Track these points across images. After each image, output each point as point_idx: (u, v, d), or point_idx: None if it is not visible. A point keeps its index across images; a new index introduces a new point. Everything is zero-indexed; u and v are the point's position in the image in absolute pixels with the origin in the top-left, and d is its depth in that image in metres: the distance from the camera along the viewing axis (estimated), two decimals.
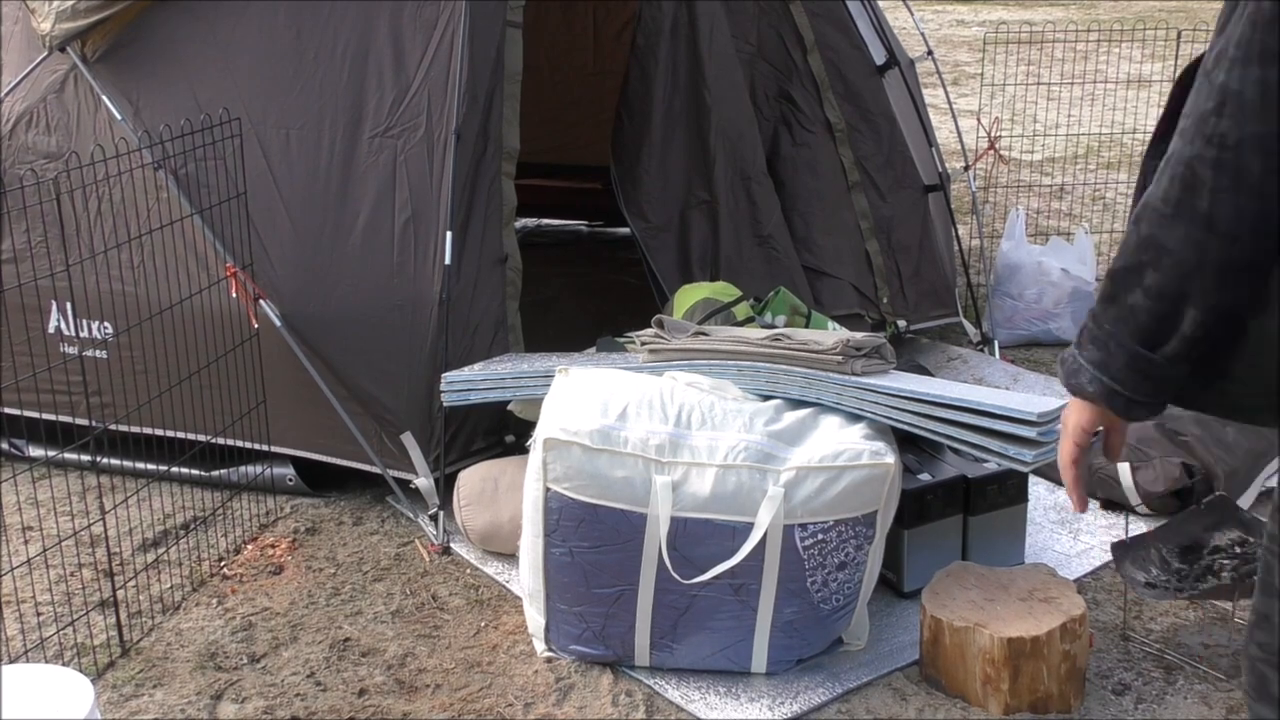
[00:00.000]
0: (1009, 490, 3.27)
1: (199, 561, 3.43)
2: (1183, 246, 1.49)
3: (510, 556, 3.35)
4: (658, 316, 3.39)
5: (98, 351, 3.77)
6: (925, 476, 3.20)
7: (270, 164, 3.70)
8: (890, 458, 2.80)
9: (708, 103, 4.41)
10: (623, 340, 3.79)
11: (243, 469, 3.74)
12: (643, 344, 3.32)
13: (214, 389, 3.55)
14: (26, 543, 3.50)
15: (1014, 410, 2.87)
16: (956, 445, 2.99)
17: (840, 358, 3.02)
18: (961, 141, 5.50)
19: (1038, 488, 3.67)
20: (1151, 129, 1.76)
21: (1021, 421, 2.86)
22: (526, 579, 2.97)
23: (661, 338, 3.29)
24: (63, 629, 3.07)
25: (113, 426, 3.52)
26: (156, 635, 3.11)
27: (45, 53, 3.89)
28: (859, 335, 3.15)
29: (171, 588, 3.31)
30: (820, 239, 4.59)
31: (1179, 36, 5.48)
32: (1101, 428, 1.71)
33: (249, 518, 3.65)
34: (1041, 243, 5.39)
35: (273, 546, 3.52)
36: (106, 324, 3.74)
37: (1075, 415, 1.70)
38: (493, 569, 3.38)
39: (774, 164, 4.63)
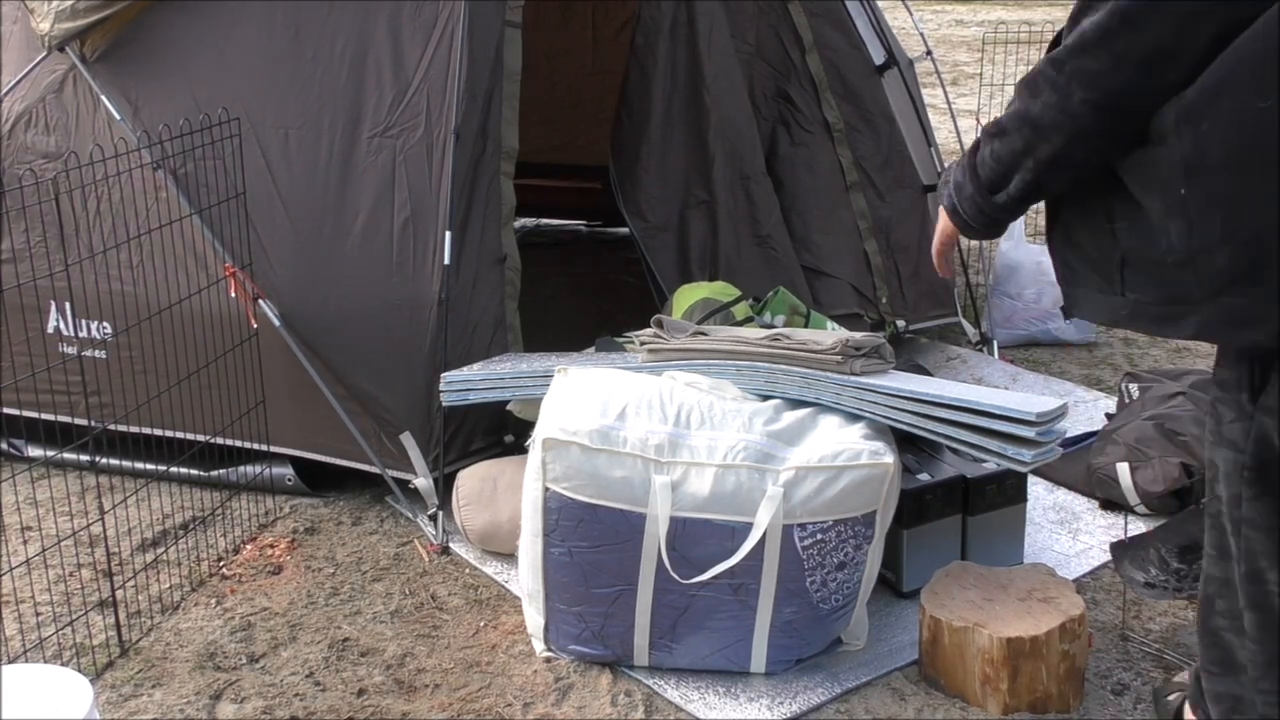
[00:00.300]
0: (1008, 490, 3.27)
1: (198, 561, 3.43)
2: (1016, 131, 1.94)
3: (509, 556, 3.35)
4: (657, 316, 3.39)
5: (97, 351, 3.77)
6: (924, 476, 3.21)
7: (269, 164, 3.70)
8: (889, 457, 2.80)
9: (706, 102, 4.41)
10: (622, 340, 3.78)
11: (242, 469, 3.74)
12: (642, 344, 3.33)
13: (213, 389, 3.56)
14: (26, 543, 3.50)
15: (1012, 410, 2.87)
16: (955, 445, 2.99)
17: (839, 358, 3.02)
18: (960, 142, 5.50)
19: (1036, 488, 3.67)
20: None
21: (1020, 421, 2.86)
22: (525, 579, 2.97)
23: (660, 338, 3.29)
24: (62, 629, 3.07)
25: (112, 426, 3.52)
26: (155, 635, 3.11)
27: (44, 53, 3.89)
28: (858, 335, 3.15)
29: (170, 588, 3.31)
30: (818, 238, 4.60)
31: None
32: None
33: (248, 518, 3.65)
34: (1040, 243, 5.39)
35: (272, 546, 3.52)
36: (105, 324, 3.74)
37: (943, 218, 2.24)
38: (492, 569, 3.39)
39: (772, 164, 4.64)
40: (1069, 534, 3.55)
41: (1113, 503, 3.66)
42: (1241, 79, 1.67)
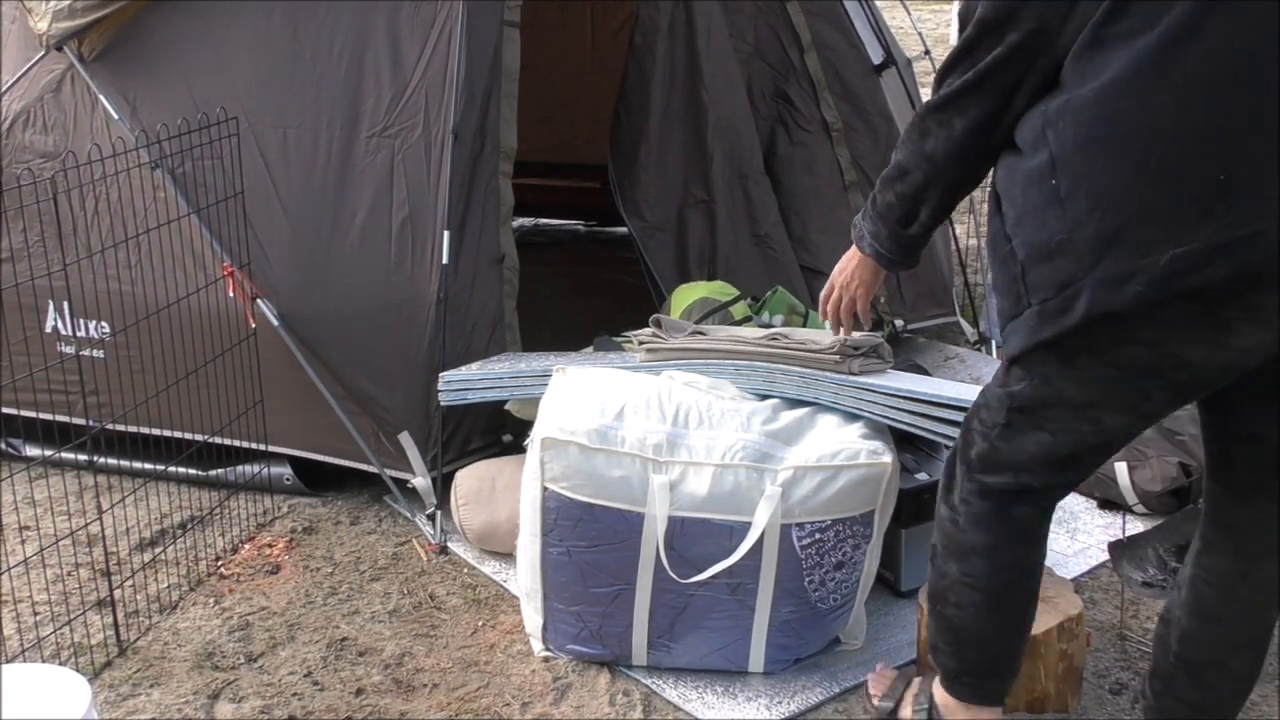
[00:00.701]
0: None
1: (196, 561, 3.43)
2: (917, 169, 2.26)
3: (508, 556, 3.34)
4: (655, 316, 3.39)
5: (95, 351, 3.77)
6: (923, 476, 3.20)
7: (268, 163, 3.70)
8: (888, 457, 2.80)
9: (705, 101, 4.41)
10: (620, 340, 3.78)
11: (240, 468, 3.74)
12: (640, 343, 3.32)
13: (211, 388, 3.55)
14: (24, 542, 3.49)
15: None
16: (953, 444, 2.98)
17: (838, 357, 3.02)
18: None
19: None
20: None
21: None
22: (524, 578, 2.97)
23: (659, 337, 3.29)
24: (60, 628, 3.07)
25: (110, 426, 3.52)
26: (154, 635, 3.11)
27: (42, 52, 3.88)
28: (856, 334, 3.15)
29: (169, 587, 3.31)
30: (816, 238, 4.60)
31: None
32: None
33: (246, 517, 3.64)
34: None
35: (270, 546, 3.52)
36: (104, 323, 3.73)
37: (859, 268, 2.56)
38: (490, 568, 3.38)
39: (770, 163, 4.64)
40: (1067, 533, 3.55)
41: (1111, 502, 3.67)
42: (1083, 90, 2.03)
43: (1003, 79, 2.13)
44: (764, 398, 3.03)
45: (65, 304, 3.76)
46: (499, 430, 3.74)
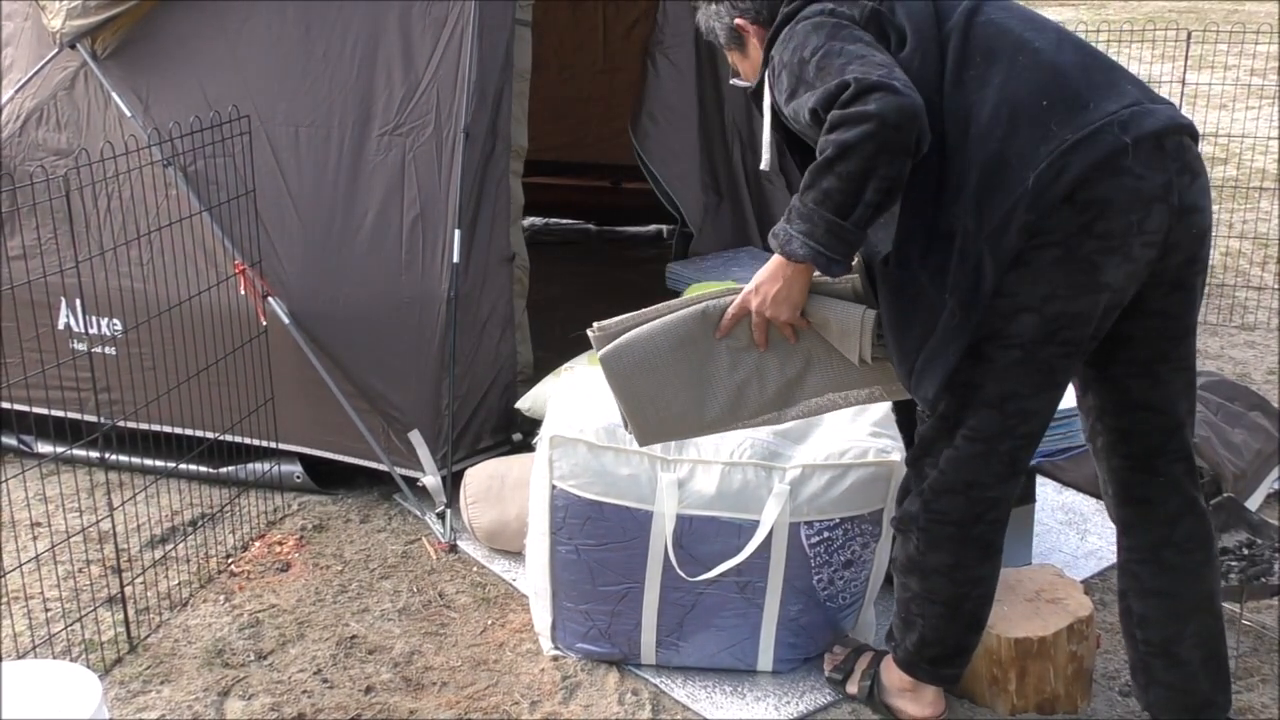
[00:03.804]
0: None
1: (206, 558, 3.44)
2: (861, 142, 2.13)
3: (517, 554, 3.35)
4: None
5: (106, 348, 3.78)
6: None
7: (279, 161, 3.70)
8: (896, 455, 2.80)
9: (723, 101, 4.42)
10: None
11: (250, 466, 3.75)
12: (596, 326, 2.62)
13: (222, 386, 3.56)
14: (35, 539, 3.51)
15: None
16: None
17: None
18: None
19: (1045, 488, 3.66)
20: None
21: None
22: (533, 577, 2.97)
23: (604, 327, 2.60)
24: (70, 625, 3.08)
25: (121, 423, 3.53)
26: (164, 632, 3.12)
27: (55, 49, 3.90)
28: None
29: (179, 584, 3.32)
30: None
31: (1189, 37, 5.47)
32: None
33: (256, 515, 3.65)
34: None
35: (280, 544, 3.53)
36: (115, 321, 3.74)
37: (788, 280, 2.37)
38: (499, 567, 3.39)
39: (780, 163, 4.64)
40: (1077, 534, 3.54)
41: None
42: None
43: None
44: None
45: (77, 301, 3.77)
46: (509, 429, 3.75)
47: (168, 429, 3.69)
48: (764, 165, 2.64)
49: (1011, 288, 2.25)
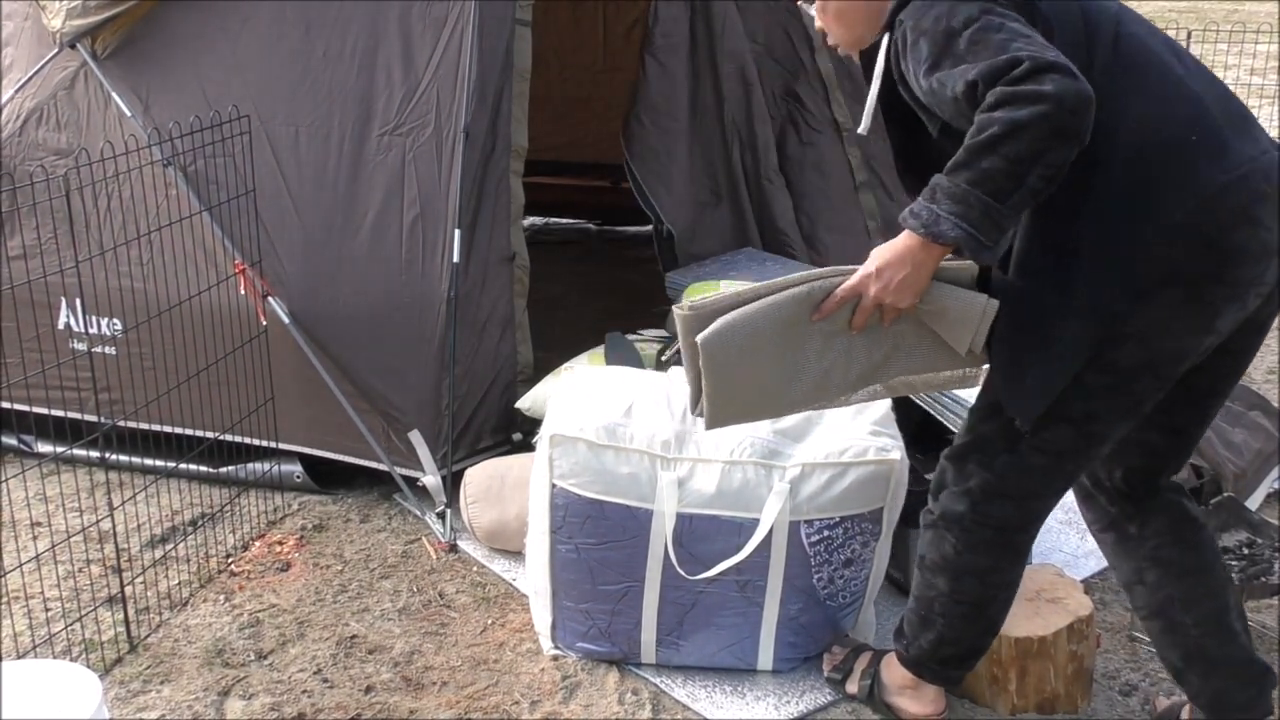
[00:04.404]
0: None
1: (207, 558, 3.44)
2: (1034, 122, 2.00)
3: (517, 554, 3.35)
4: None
5: (106, 348, 3.78)
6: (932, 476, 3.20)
7: (279, 161, 3.71)
8: (896, 454, 2.80)
9: (722, 102, 4.42)
10: (633, 339, 3.79)
11: (250, 466, 3.75)
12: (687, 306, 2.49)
13: (222, 386, 3.56)
14: (35, 538, 3.51)
15: None
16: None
17: None
18: None
19: None
20: None
21: None
22: (533, 576, 2.97)
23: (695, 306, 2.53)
24: (70, 625, 3.08)
25: (121, 423, 3.53)
26: (164, 631, 3.12)
27: (55, 49, 3.90)
28: None
29: (179, 584, 3.32)
30: (825, 237, 4.60)
31: (1189, 37, 5.48)
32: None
33: (256, 514, 3.65)
34: None
35: (280, 543, 3.53)
36: (115, 320, 3.74)
37: (918, 265, 2.20)
38: (499, 566, 3.39)
39: (780, 163, 4.65)
40: (1077, 534, 3.54)
41: None
42: None
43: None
44: None
45: (77, 301, 3.77)
46: (509, 429, 3.75)
47: (168, 429, 3.69)
48: (862, 129, 2.47)
49: (1128, 317, 2.19)
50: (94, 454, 3.55)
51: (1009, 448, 2.34)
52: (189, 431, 3.64)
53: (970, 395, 3.11)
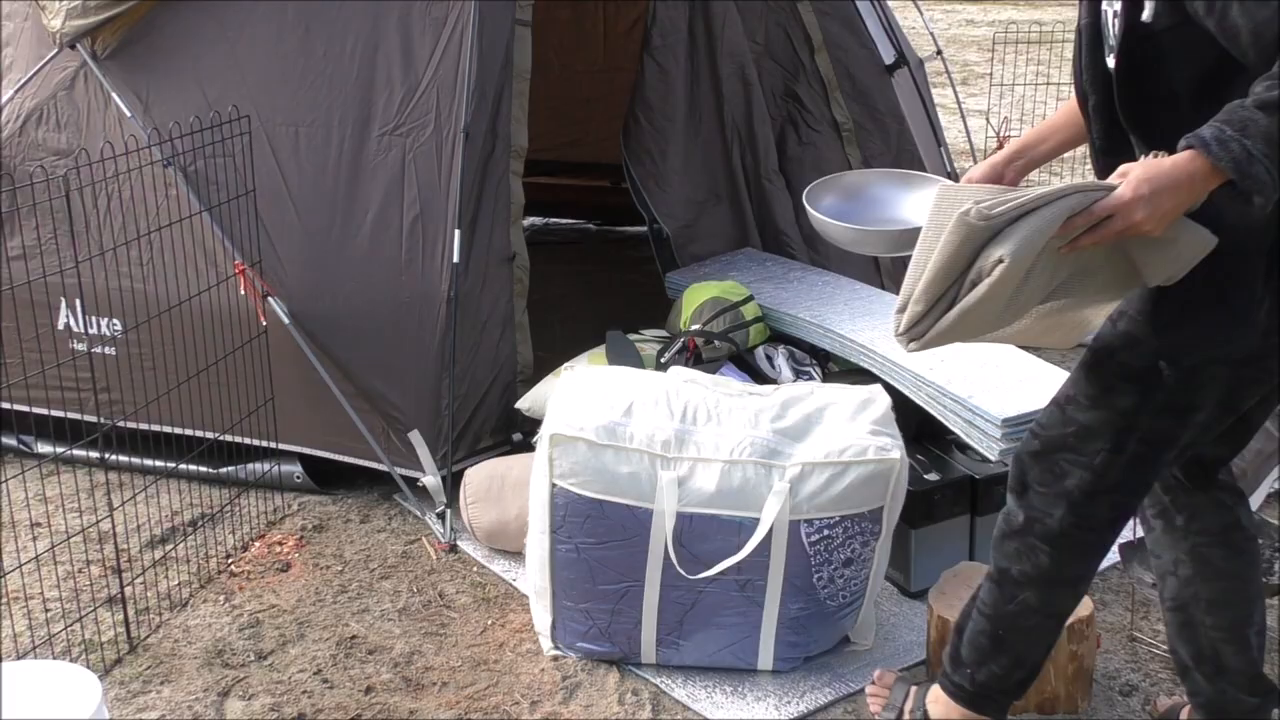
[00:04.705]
0: None
1: (206, 558, 3.44)
2: None
3: (517, 554, 3.35)
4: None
5: (106, 348, 3.78)
6: (933, 476, 3.20)
7: (279, 161, 3.71)
8: (896, 453, 2.80)
9: (722, 102, 4.41)
10: (635, 337, 3.78)
11: (250, 466, 3.75)
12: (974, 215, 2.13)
13: (222, 386, 3.56)
14: (35, 539, 3.51)
15: (980, 410, 2.99)
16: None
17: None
18: (970, 141, 5.50)
19: None
20: None
21: (986, 421, 2.98)
22: (533, 576, 2.97)
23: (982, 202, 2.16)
24: (70, 625, 3.08)
25: (121, 423, 3.53)
26: (164, 632, 3.12)
27: (55, 49, 3.90)
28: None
29: (179, 584, 3.32)
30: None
31: None
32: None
33: (256, 515, 3.65)
34: None
35: (280, 544, 3.53)
36: (115, 321, 3.74)
37: (1194, 196, 1.93)
38: (499, 566, 3.39)
39: (780, 163, 4.64)
40: None
41: None
42: None
43: None
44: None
45: (77, 301, 3.77)
46: (509, 429, 3.75)
47: (168, 429, 3.69)
48: (1145, 16, 2.04)
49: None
50: (94, 454, 3.55)
51: (1109, 442, 2.19)
52: (189, 432, 3.64)
53: (970, 395, 3.13)
